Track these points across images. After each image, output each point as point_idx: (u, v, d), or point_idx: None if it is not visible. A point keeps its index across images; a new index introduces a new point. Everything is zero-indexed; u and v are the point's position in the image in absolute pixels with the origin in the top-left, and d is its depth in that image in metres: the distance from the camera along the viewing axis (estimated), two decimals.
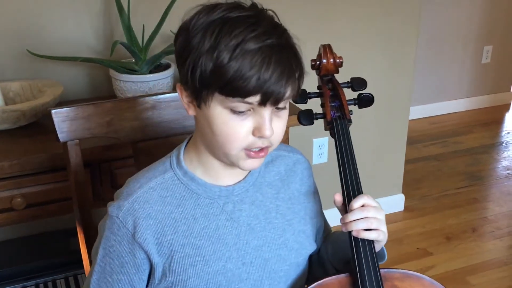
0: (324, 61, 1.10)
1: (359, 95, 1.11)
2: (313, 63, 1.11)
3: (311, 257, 1.13)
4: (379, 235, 0.96)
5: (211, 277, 0.96)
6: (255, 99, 0.86)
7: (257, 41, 0.84)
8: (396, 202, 2.79)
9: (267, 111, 0.88)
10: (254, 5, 0.91)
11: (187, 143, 1.01)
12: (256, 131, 0.89)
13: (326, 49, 1.11)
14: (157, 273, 0.96)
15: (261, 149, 0.92)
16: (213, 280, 0.96)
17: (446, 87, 3.99)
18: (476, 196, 2.95)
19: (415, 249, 2.51)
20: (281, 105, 0.89)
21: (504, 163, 3.33)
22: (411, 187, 2.99)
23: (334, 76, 1.12)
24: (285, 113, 0.93)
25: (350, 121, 1.07)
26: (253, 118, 0.89)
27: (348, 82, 1.11)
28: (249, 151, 0.91)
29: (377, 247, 1.00)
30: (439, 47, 3.83)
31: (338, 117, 1.07)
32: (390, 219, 2.72)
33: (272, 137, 0.90)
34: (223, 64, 0.84)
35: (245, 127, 0.88)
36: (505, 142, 3.61)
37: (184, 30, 0.90)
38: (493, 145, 3.57)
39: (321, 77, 1.13)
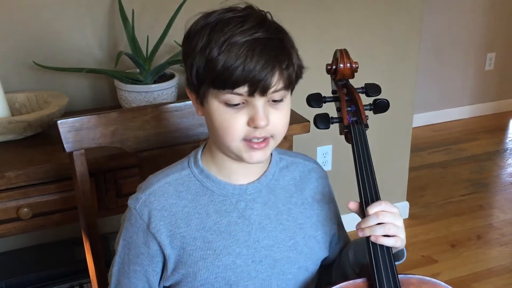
0: (341, 65, 1.10)
1: (375, 100, 1.11)
2: (329, 67, 1.12)
3: (331, 264, 1.14)
4: (397, 242, 0.97)
5: (221, 271, 0.98)
6: (244, 89, 0.90)
7: (244, 35, 0.89)
8: (400, 210, 2.76)
9: (259, 101, 0.91)
10: (249, 6, 0.96)
11: (205, 145, 1.05)
12: (250, 122, 0.92)
13: (343, 53, 1.11)
14: (170, 265, 0.99)
15: (263, 141, 0.95)
16: (222, 274, 0.98)
17: (450, 94, 3.99)
18: (481, 203, 2.95)
19: (420, 257, 2.51)
20: (276, 96, 0.93)
21: (509, 170, 3.33)
22: (415, 195, 2.98)
23: (348, 81, 1.12)
24: (283, 106, 0.95)
25: (367, 126, 1.08)
26: (247, 110, 0.92)
27: (362, 88, 1.11)
28: (250, 142, 0.94)
29: (394, 251, 1.00)
30: (443, 54, 3.84)
31: (355, 122, 1.08)
32: None
33: (271, 128, 0.94)
34: (212, 59, 0.90)
35: (239, 119, 0.92)
36: (509, 149, 3.61)
37: (185, 38, 0.96)
38: (498, 152, 3.56)
39: (336, 81, 1.13)
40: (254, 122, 0.92)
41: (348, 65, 1.11)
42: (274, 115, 0.94)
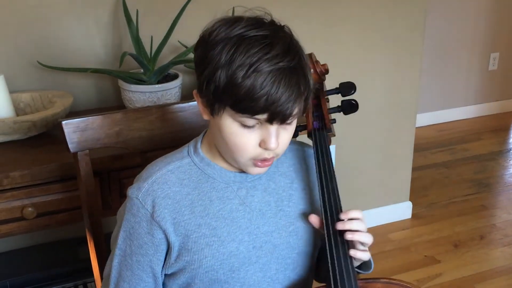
0: None
1: (342, 101, 1.10)
2: None
3: (323, 257, 1.15)
4: (366, 255, 1.01)
5: (226, 258, 1.00)
6: (263, 116, 0.91)
7: (270, 64, 0.89)
8: (404, 210, 2.79)
9: (274, 127, 0.93)
10: (272, 22, 0.95)
11: (204, 134, 1.06)
12: (262, 143, 0.94)
13: (308, 58, 1.10)
14: (173, 253, 1.00)
15: (267, 159, 0.97)
16: (227, 261, 1.00)
17: (453, 94, 3.99)
18: (484, 203, 2.95)
19: (423, 257, 2.51)
20: (289, 121, 0.95)
21: None
22: (419, 195, 2.98)
23: (323, 84, 1.12)
24: (291, 126, 0.98)
25: (329, 130, 1.08)
26: (260, 131, 0.94)
27: (336, 88, 1.10)
28: (256, 161, 0.97)
29: (357, 262, 1.03)
30: (446, 54, 3.84)
31: (319, 127, 1.08)
32: (398, 226, 2.72)
33: (278, 148, 0.96)
34: (235, 83, 0.89)
35: (252, 139, 0.94)
36: None
37: (204, 42, 0.95)
38: (501, 152, 3.56)
39: None
40: (266, 145, 0.94)
41: (312, 70, 1.09)
42: (283, 136, 0.96)
